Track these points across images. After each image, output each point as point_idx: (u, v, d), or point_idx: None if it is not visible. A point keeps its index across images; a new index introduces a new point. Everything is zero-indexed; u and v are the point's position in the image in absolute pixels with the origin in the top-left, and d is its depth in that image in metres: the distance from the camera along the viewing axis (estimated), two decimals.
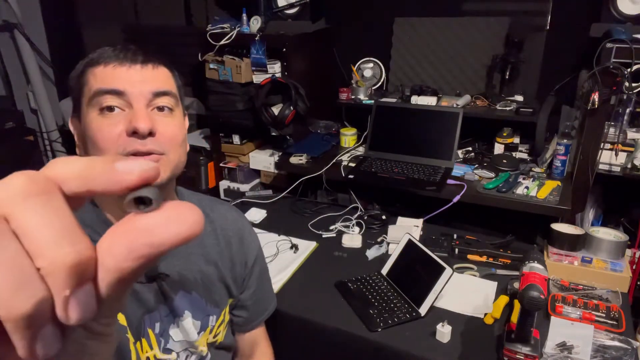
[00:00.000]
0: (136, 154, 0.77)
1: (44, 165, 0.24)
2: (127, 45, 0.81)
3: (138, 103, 0.77)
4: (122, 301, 0.25)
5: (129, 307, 0.86)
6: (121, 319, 0.85)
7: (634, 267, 1.56)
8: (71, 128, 0.84)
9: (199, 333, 0.94)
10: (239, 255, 1.02)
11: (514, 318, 1.20)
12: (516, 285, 1.32)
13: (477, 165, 1.91)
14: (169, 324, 0.91)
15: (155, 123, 0.78)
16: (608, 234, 1.50)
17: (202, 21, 2.66)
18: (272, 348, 1.18)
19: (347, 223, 1.79)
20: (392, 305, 1.35)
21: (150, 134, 0.77)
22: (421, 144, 1.99)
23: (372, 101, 2.13)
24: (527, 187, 1.71)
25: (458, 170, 1.89)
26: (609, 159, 1.67)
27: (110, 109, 0.76)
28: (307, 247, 1.67)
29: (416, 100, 2.07)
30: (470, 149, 2.06)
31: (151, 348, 0.90)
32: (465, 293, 1.39)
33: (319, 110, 2.28)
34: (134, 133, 0.76)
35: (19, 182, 0.22)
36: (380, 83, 2.31)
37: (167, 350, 0.92)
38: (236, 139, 2.31)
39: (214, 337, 0.99)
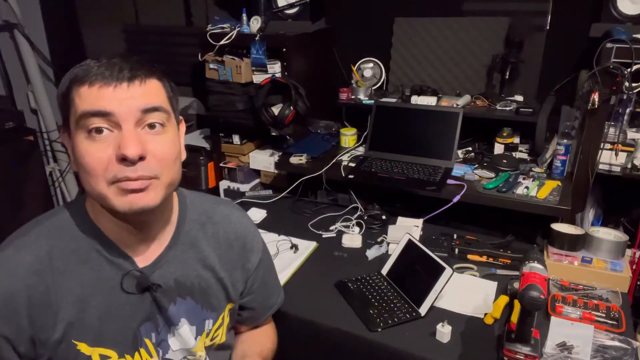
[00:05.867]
0: (126, 180, 0.74)
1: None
2: (112, 59, 0.76)
3: (126, 123, 0.73)
4: None
5: (122, 319, 0.85)
6: (109, 352, 0.85)
7: (634, 267, 1.56)
8: (64, 142, 0.82)
9: (195, 338, 0.94)
10: (240, 260, 1.01)
11: (514, 318, 1.21)
12: (516, 285, 1.32)
13: (477, 165, 1.91)
14: (166, 334, 0.90)
15: (146, 145, 0.75)
16: (608, 234, 1.50)
17: (202, 21, 2.66)
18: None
19: (347, 223, 1.79)
20: (392, 305, 1.35)
21: (141, 158, 0.74)
22: (421, 144, 1.99)
23: (372, 101, 2.13)
24: (527, 187, 1.71)
25: (458, 170, 1.89)
26: (609, 159, 1.67)
27: (99, 130, 0.73)
28: (307, 247, 1.67)
29: (416, 100, 2.07)
30: (470, 149, 2.06)
31: (151, 356, 0.89)
32: (465, 293, 1.39)
33: (319, 110, 2.28)
34: (124, 159, 0.73)
35: None
36: (380, 83, 2.31)
37: None
38: (236, 139, 2.31)
39: (211, 340, 0.98)
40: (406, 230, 1.58)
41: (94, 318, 0.82)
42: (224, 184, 2.32)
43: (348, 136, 2.19)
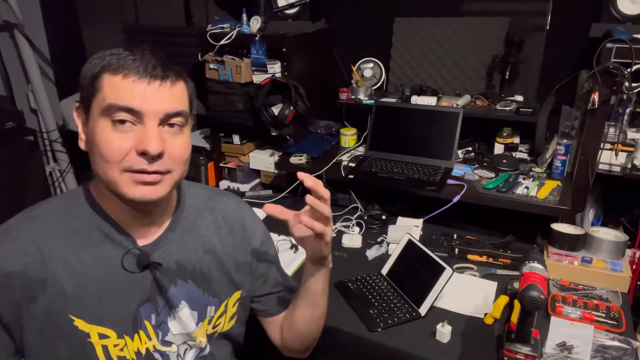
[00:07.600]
0: (142, 172, 0.78)
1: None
2: (144, 52, 0.79)
3: (151, 121, 0.77)
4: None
5: (122, 297, 0.86)
6: (105, 331, 0.85)
7: (634, 267, 1.56)
8: (75, 117, 0.84)
9: (197, 324, 0.94)
10: (242, 243, 1.01)
11: (514, 318, 1.21)
12: (516, 285, 1.32)
13: (477, 165, 1.91)
14: (166, 316, 0.91)
15: (165, 143, 0.78)
16: (608, 234, 1.50)
17: (202, 21, 2.66)
18: (272, 349, 1.18)
19: (347, 223, 1.79)
20: (392, 305, 1.35)
21: (159, 155, 0.78)
22: (421, 144, 1.99)
23: (372, 101, 2.13)
24: (527, 187, 1.71)
25: (458, 170, 1.89)
26: (609, 159, 1.67)
27: (122, 121, 0.77)
28: None
29: (416, 100, 2.07)
30: (470, 149, 2.06)
31: (150, 339, 0.90)
32: (465, 293, 1.39)
33: (319, 110, 2.28)
34: (144, 154, 0.77)
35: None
36: (380, 83, 2.31)
37: (166, 343, 0.92)
38: (236, 139, 2.31)
39: (213, 328, 0.98)
40: (406, 230, 1.58)
41: (93, 295, 0.83)
42: (224, 184, 2.32)
43: (348, 136, 2.19)
